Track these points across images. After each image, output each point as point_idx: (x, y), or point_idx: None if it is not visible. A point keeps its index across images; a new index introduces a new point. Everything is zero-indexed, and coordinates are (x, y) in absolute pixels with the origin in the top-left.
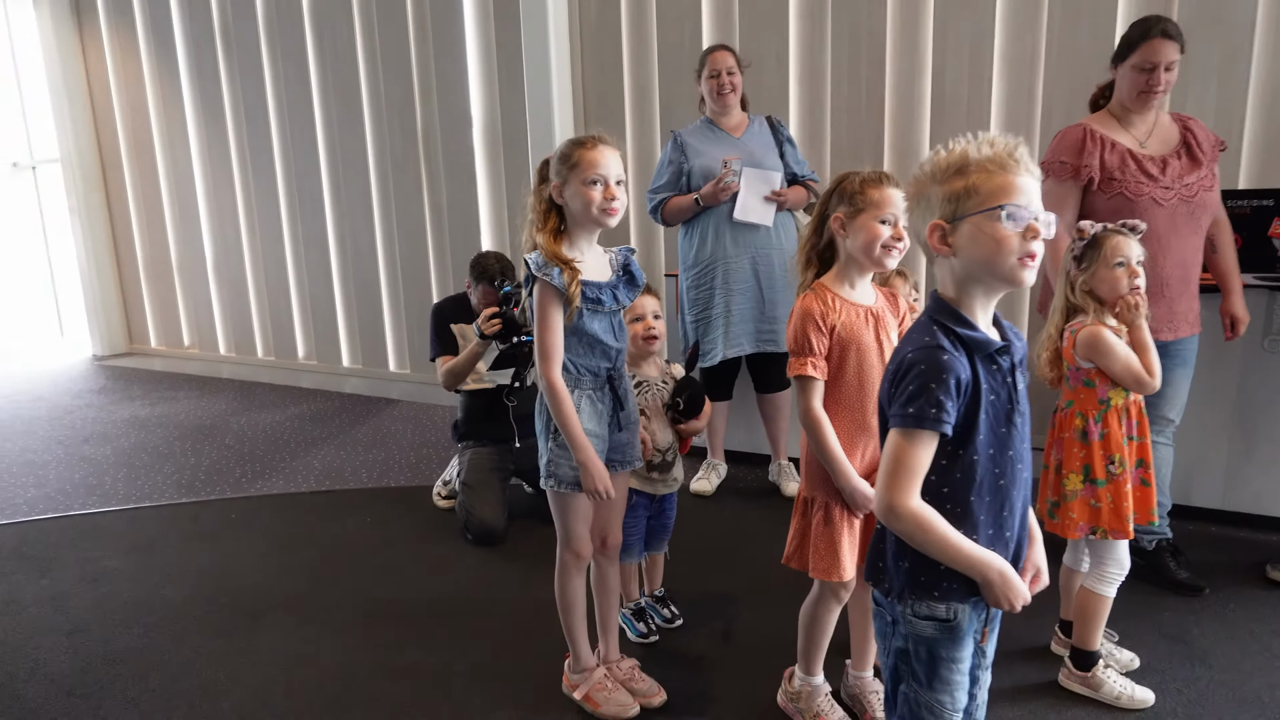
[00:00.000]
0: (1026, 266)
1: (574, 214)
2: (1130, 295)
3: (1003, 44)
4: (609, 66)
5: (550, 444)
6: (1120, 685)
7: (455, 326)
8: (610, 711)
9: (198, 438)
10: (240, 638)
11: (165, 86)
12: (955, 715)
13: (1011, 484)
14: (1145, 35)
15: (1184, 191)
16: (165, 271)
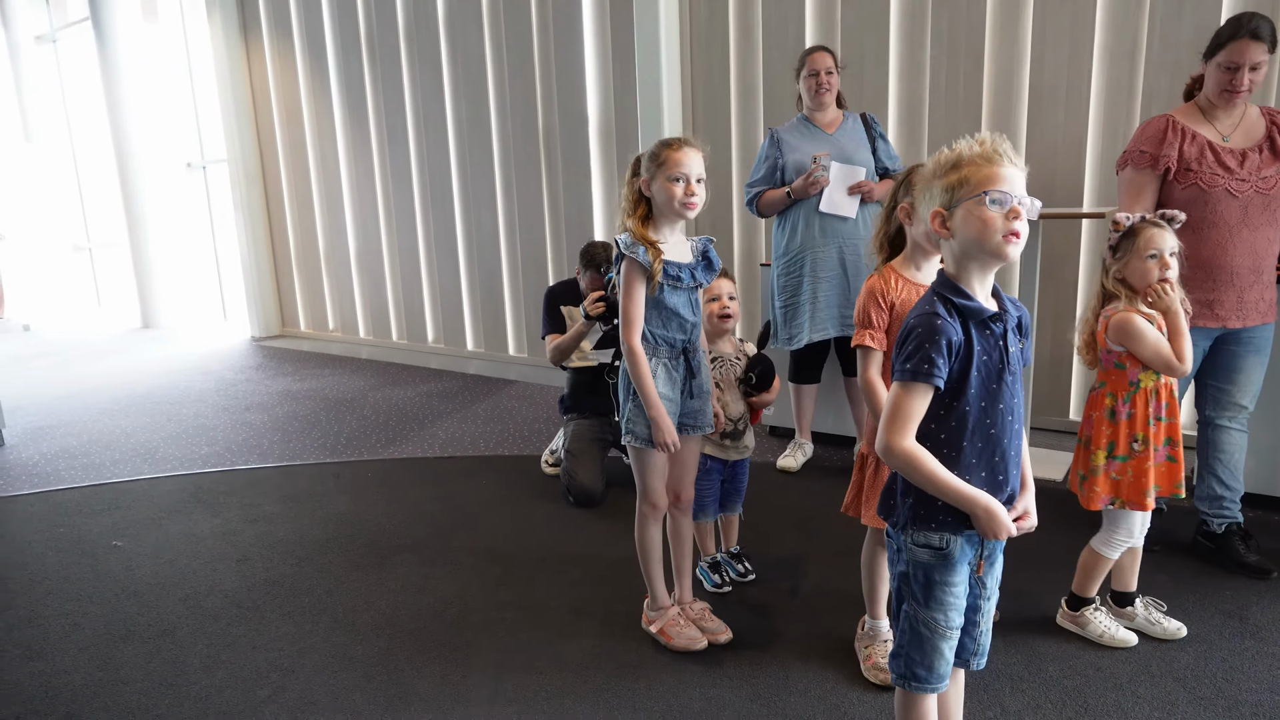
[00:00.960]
0: (1011, 243)
1: (659, 205)
2: (1159, 284)
3: (1103, 36)
4: (716, 67)
5: (629, 404)
6: (1105, 625)
7: (565, 308)
8: (680, 644)
9: (340, 409)
10: (373, 571)
11: (317, 92)
12: (949, 631)
13: (1002, 433)
14: (1234, 35)
15: (1260, 184)
16: (313, 262)
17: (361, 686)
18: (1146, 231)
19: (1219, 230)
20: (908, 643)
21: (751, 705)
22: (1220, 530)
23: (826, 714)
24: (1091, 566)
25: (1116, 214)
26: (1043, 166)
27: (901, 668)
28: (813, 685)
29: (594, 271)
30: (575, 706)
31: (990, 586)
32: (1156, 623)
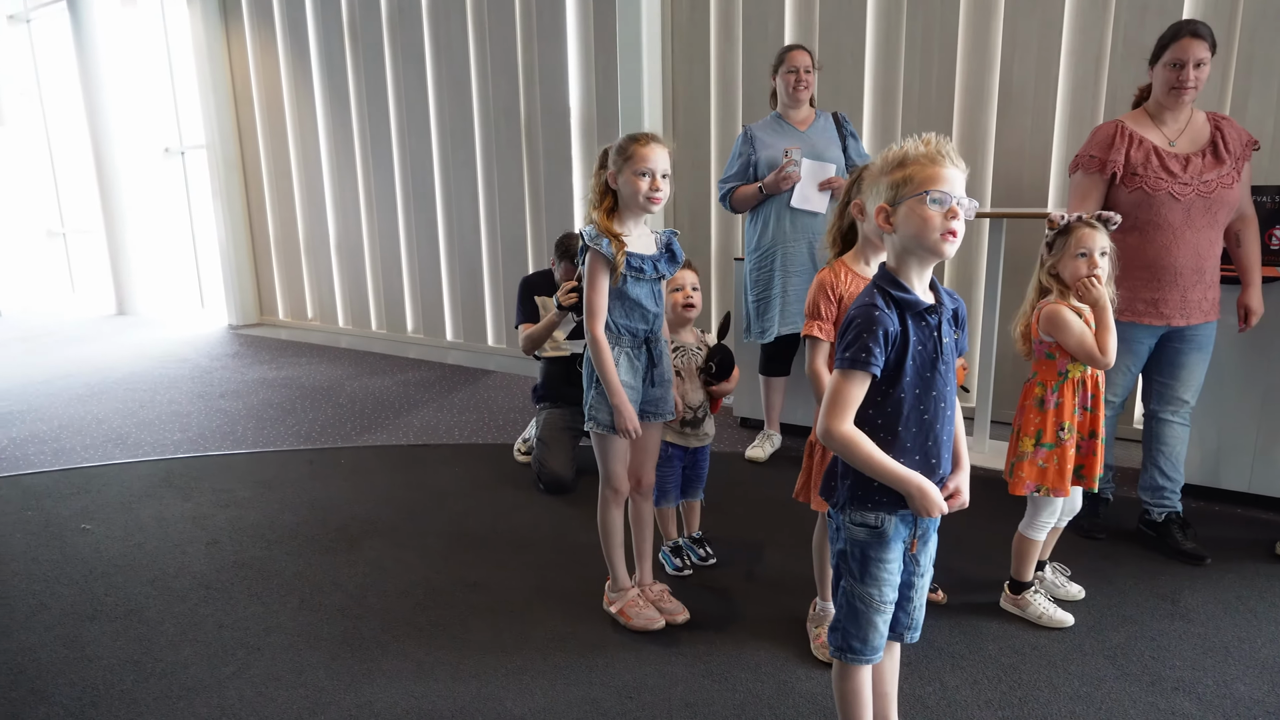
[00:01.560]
0: (948, 240)
1: (624, 198)
2: (1086, 279)
3: (1070, 41)
4: (696, 63)
5: (592, 391)
6: (1044, 607)
7: (538, 298)
8: (639, 624)
9: (316, 397)
10: (342, 554)
11: (299, 80)
12: (884, 606)
13: (935, 419)
14: (1177, 35)
15: (1202, 188)
16: (293, 251)
17: (326, 664)
18: (1079, 231)
19: (1163, 232)
20: (845, 617)
21: (704, 681)
22: (1161, 519)
23: (775, 689)
24: (1023, 551)
25: (1053, 213)
26: (1010, 167)
27: (839, 640)
28: (764, 662)
29: (568, 262)
30: (534, 683)
31: (924, 564)
32: (1061, 585)
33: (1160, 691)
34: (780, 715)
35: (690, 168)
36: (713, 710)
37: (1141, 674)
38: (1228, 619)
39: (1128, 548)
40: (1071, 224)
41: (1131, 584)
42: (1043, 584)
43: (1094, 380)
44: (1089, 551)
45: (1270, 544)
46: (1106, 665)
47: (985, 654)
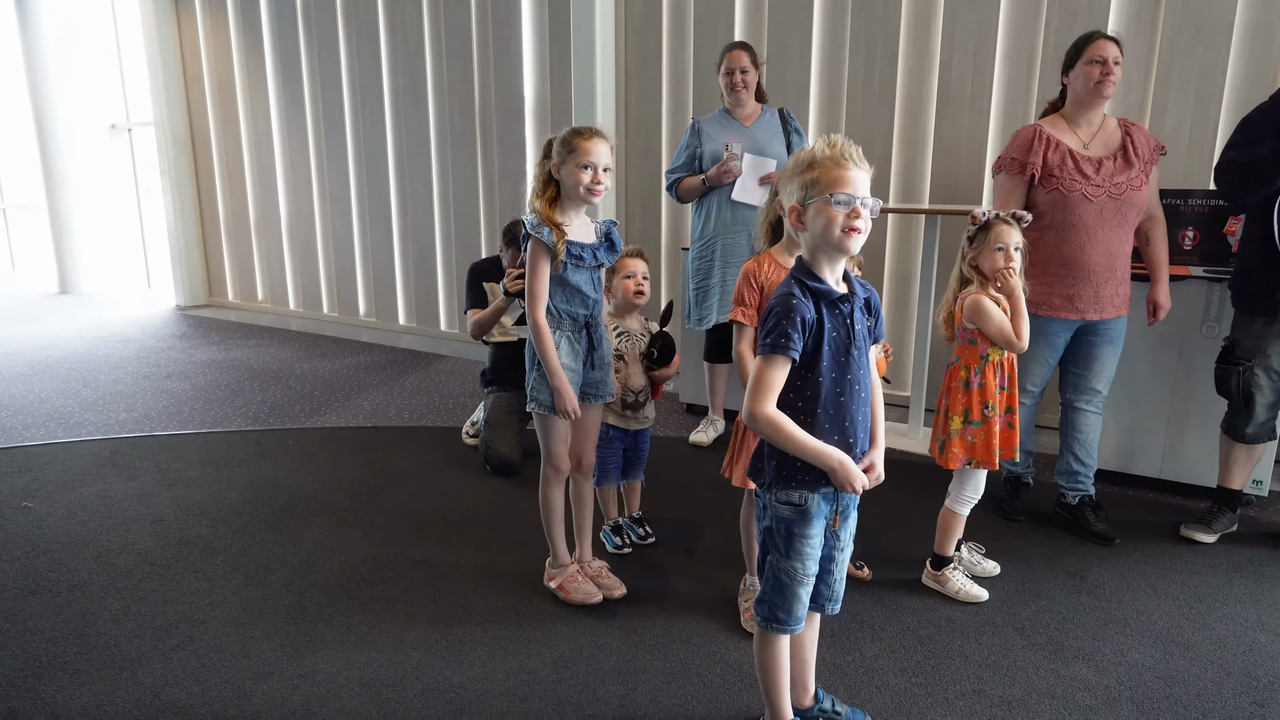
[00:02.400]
0: (851, 237)
1: (567, 189)
2: (1003, 270)
3: (1004, 43)
4: (649, 55)
5: (534, 374)
6: (961, 583)
7: (487, 284)
8: (577, 598)
9: (265, 379)
10: (288, 532)
11: (250, 59)
12: (806, 579)
13: (851, 401)
14: (1091, 37)
15: (1113, 189)
16: (244, 231)
17: (270, 635)
18: (997, 227)
19: (1078, 231)
20: (771, 589)
21: (637, 651)
22: (1075, 502)
23: (704, 659)
24: (948, 525)
25: (975, 210)
26: (948, 165)
27: (765, 611)
28: (695, 634)
29: (515, 249)
30: (472, 652)
31: (844, 539)
32: (977, 563)
33: (1062, 659)
34: (708, 683)
35: (641, 158)
36: (643, 678)
37: (1046, 644)
38: (1129, 594)
39: (1044, 529)
40: (990, 221)
41: (1044, 562)
42: (961, 562)
43: (1010, 363)
44: (1009, 532)
45: (1176, 526)
46: (1015, 636)
47: (903, 626)
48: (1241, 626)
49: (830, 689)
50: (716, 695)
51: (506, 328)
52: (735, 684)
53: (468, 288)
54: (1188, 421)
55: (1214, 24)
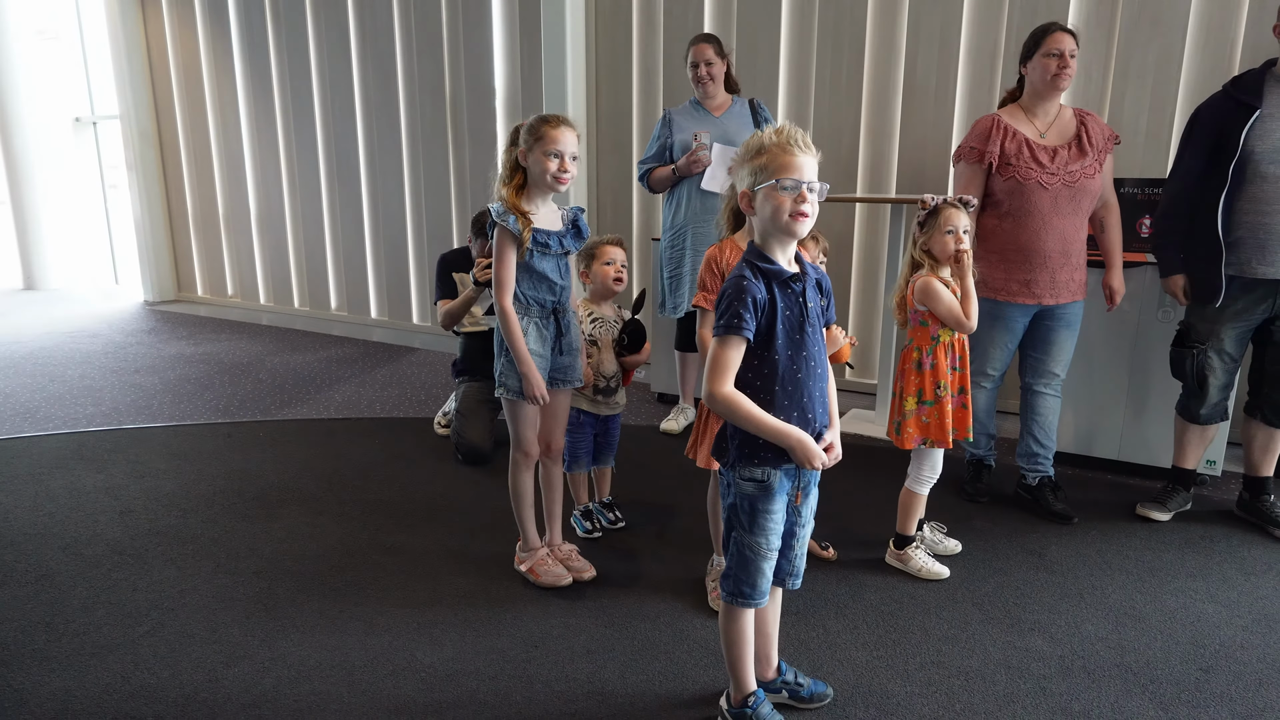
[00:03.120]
0: (799, 221)
1: (533, 176)
2: (960, 253)
3: (968, 37)
4: (620, 47)
5: (502, 360)
6: (923, 561)
7: (457, 275)
8: (547, 580)
9: (236, 373)
10: (260, 522)
11: (218, 50)
12: (769, 553)
13: (808, 378)
14: (1048, 30)
15: (1067, 177)
16: (212, 225)
17: (240, 622)
18: (946, 211)
19: (1034, 218)
20: (735, 565)
21: (606, 631)
22: (1035, 483)
23: (671, 637)
24: (909, 505)
25: (924, 196)
26: (914, 155)
27: (730, 586)
28: (663, 614)
29: (484, 239)
30: (443, 635)
31: (805, 515)
32: (939, 541)
33: (1018, 632)
34: (674, 660)
35: (612, 149)
36: (611, 656)
37: (1004, 618)
38: (1085, 570)
39: (1005, 510)
40: (939, 206)
41: (1005, 541)
42: (923, 541)
43: (961, 344)
44: (971, 513)
45: (1132, 505)
46: (974, 611)
47: (866, 602)
48: (1191, 599)
49: (794, 663)
50: (683, 671)
51: (477, 318)
52: (701, 660)
53: (437, 279)
54: (1145, 404)
55: (1170, 17)
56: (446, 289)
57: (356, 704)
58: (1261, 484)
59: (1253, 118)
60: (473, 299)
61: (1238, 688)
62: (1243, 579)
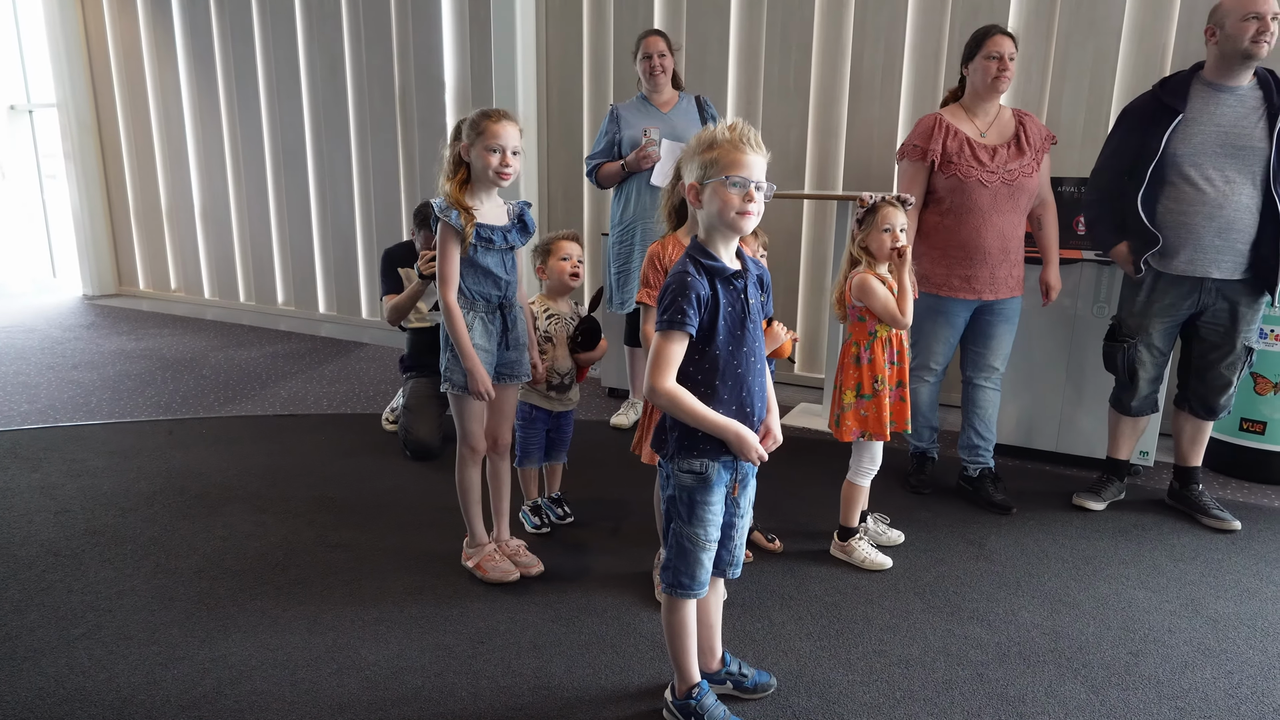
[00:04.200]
0: (745, 218)
1: (476, 171)
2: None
3: (912, 36)
4: (570, 41)
5: (447, 355)
6: (866, 552)
7: (402, 269)
8: (494, 576)
9: (178, 368)
10: (201, 520)
11: (160, 38)
12: (708, 544)
13: (748, 372)
14: (988, 33)
15: (1006, 176)
16: (155, 217)
17: (180, 622)
18: (884, 209)
19: (974, 215)
20: (675, 556)
21: (553, 626)
22: (976, 474)
23: (618, 631)
24: (850, 497)
25: (862, 195)
26: (860, 152)
27: (670, 577)
28: (610, 608)
29: (428, 230)
30: (389, 632)
31: (743, 506)
32: (882, 532)
33: (958, 620)
34: (620, 653)
35: (563, 144)
36: (558, 650)
37: (944, 606)
38: (1023, 558)
39: (948, 501)
40: (877, 204)
41: (946, 531)
42: (867, 532)
43: (898, 339)
44: (914, 504)
45: (1069, 495)
46: (916, 600)
47: (810, 594)
48: (1123, 585)
49: (739, 654)
50: (628, 664)
51: (424, 313)
52: (647, 653)
53: (382, 274)
54: (1081, 397)
55: (1105, 21)
56: (392, 284)
57: (298, 703)
58: (1190, 473)
59: (1175, 121)
60: (419, 292)
61: (1165, 670)
62: (1172, 565)
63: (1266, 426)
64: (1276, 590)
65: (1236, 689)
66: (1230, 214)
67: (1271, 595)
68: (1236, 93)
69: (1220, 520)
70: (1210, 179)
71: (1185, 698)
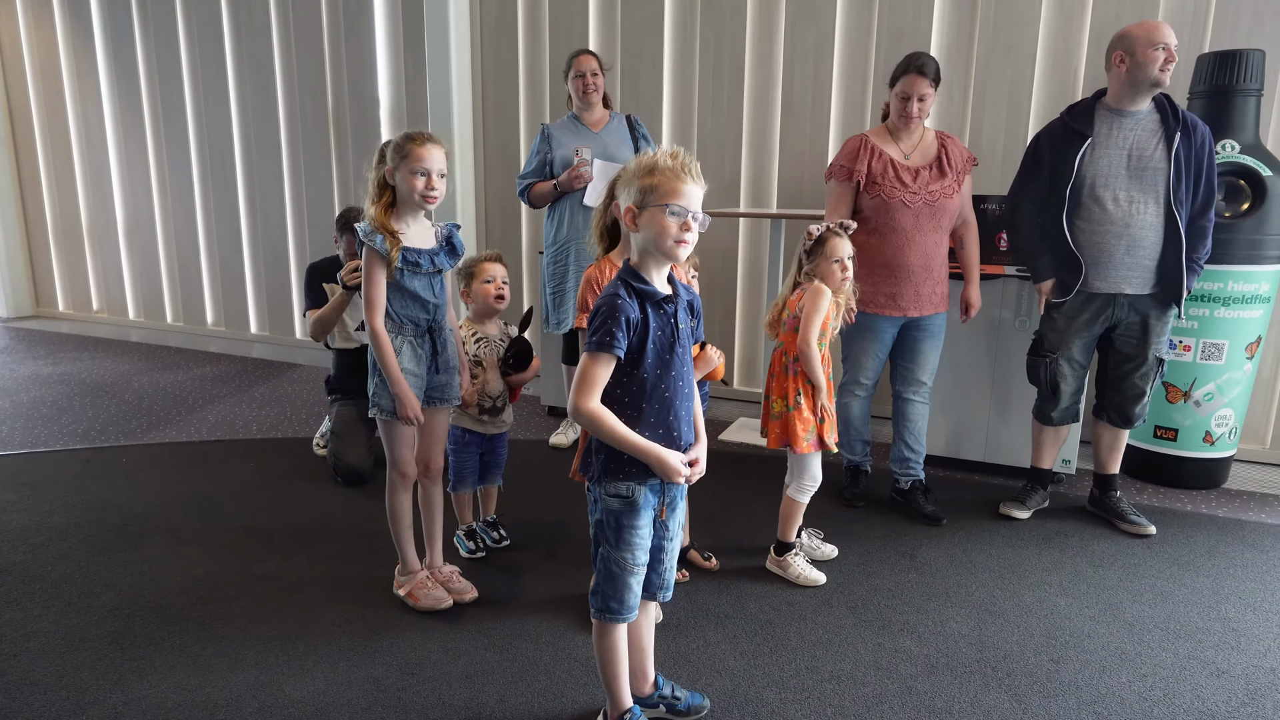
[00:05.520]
0: (681, 246)
1: (402, 195)
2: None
3: (840, 58)
4: (505, 59)
5: (375, 380)
6: (801, 568)
7: (327, 285)
8: (426, 604)
9: (98, 394)
10: (119, 555)
11: (79, 49)
12: (636, 568)
13: (675, 397)
14: (905, 70)
15: (928, 197)
16: (75, 235)
17: (92, 664)
18: (831, 241)
19: (898, 235)
20: (603, 580)
21: (486, 653)
22: (907, 486)
23: (553, 656)
24: (789, 513)
25: (811, 227)
26: (793, 171)
27: (598, 602)
28: (545, 633)
29: (351, 235)
30: (315, 666)
31: (672, 529)
32: (816, 547)
33: (889, 633)
34: (555, 679)
35: (499, 163)
36: (491, 679)
37: (875, 620)
38: (952, 569)
39: (880, 513)
40: (824, 235)
41: (879, 544)
42: (801, 547)
43: (825, 357)
44: (848, 518)
45: (997, 504)
46: (848, 615)
47: (746, 612)
48: (1045, 593)
49: (673, 676)
50: (562, 690)
51: (350, 333)
52: (582, 678)
53: (305, 289)
54: (1007, 408)
55: (1020, 47)
56: (315, 299)
57: None
58: (1109, 481)
59: (1084, 145)
60: (343, 304)
61: (1084, 676)
62: (1092, 571)
63: (1178, 433)
64: (1188, 593)
65: (1150, 691)
66: (1136, 232)
67: (1183, 598)
68: (1136, 117)
69: (1136, 525)
70: (1118, 199)
71: (1102, 702)
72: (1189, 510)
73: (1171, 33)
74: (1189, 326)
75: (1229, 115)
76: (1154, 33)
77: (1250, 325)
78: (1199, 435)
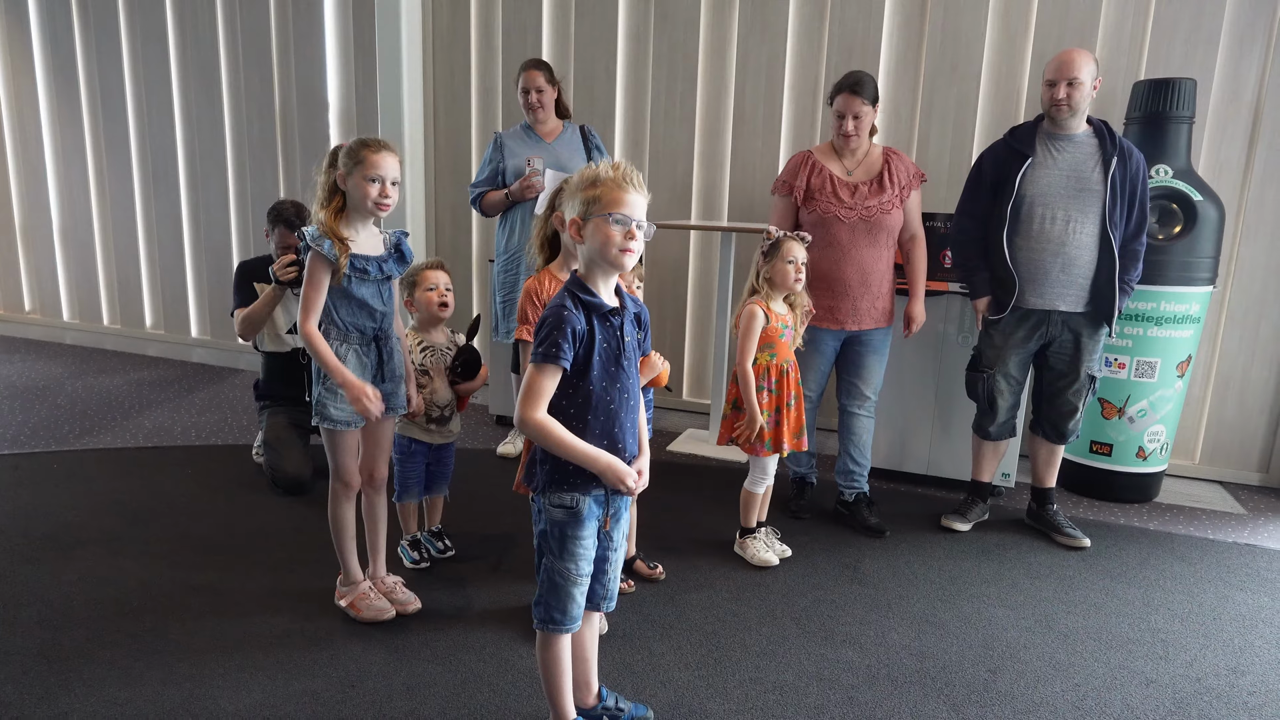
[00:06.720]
0: (626, 255)
1: (354, 201)
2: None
3: (791, 73)
4: (458, 67)
5: (319, 388)
6: (757, 549)
7: (258, 285)
8: (369, 615)
9: (28, 397)
10: (49, 565)
11: (15, 48)
12: (580, 579)
13: (620, 408)
14: (840, 89)
15: (864, 212)
16: (6, 235)
17: (16, 679)
18: (787, 243)
19: (835, 249)
20: (546, 591)
21: (428, 665)
22: (852, 499)
23: (496, 667)
24: (746, 502)
25: (769, 228)
26: (744, 184)
27: (542, 613)
28: (488, 644)
29: (284, 226)
30: (252, 679)
31: (616, 539)
32: (771, 545)
33: (831, 645)
34: (498, 690)
35: (451, 170)
36: (433, 691)
37: (819, 631)
38: (894, 581)
39: (825, 525)
40: (781, 239)
41: (824, 556)
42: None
43: (777, 368)
44: (795, 529)
45: (938, 517)
46: (792, 626)
47: (690, 622)
48: (984, 604)
49: (617, 687)
50: (505, 703)
51: (280, 334)
52: (525, 690)
53: (235, 288)
54: (950, 422)
55: (966, 66)
56: (245, 298)
57: None
58: (1045, 494)
59: (1025, 165)
60: (274, 300)
61: (1020, 686)
62: (1029, 583)
63: (1113, 448)
64: (1120, 604)
65: (1082, 701)
66: (1072, 251)
67: (1115, 609)
68: (1074, 139)
69: (1072, 538)
70: (1056, 218)
71: (1037, 711)
72: (1122, 523)
73: (1069, 67)
74: (1124, 345)
75: (1163, 141)
76: (1048, 70)
77: (1181, 344)
78: (1132, 450)
